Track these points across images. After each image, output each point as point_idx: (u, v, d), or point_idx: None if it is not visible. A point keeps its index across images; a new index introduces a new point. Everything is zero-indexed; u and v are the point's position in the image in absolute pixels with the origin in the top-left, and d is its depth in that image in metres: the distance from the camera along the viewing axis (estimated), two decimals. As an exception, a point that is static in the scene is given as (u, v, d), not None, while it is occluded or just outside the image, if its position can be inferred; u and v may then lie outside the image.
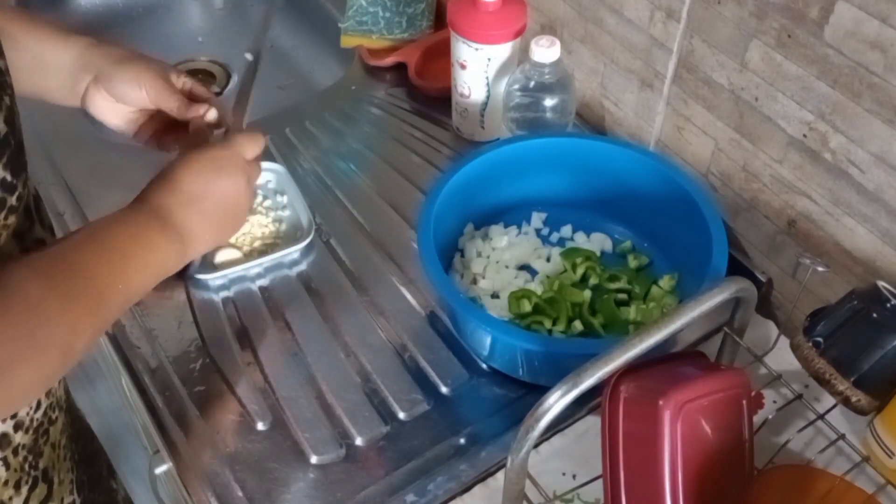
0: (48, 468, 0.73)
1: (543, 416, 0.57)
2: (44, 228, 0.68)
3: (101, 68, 0.78)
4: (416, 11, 1.20)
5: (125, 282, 0.64)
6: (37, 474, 0.71)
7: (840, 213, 0.79)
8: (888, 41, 0.68)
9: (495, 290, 0.89)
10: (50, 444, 0.73)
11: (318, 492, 0.75)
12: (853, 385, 0.69)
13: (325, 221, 0.98)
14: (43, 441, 0.71)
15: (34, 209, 0.66)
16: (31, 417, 0.68)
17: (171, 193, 0.70)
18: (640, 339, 0.60)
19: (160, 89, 0.79)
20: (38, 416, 0.70)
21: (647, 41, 0.92)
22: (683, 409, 0.61)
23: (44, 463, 0.72)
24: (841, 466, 0.74)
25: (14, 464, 0.68)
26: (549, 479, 0.74)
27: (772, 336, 0.83)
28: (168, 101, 0.79)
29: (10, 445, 0.67)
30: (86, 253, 0.62)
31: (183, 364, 0.84)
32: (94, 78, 0.78)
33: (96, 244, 0.64)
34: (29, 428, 0.68)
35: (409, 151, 1.06)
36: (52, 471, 0.74)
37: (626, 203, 0.93)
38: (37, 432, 0.70)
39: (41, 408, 0.70)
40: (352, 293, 0.90)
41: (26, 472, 0.70)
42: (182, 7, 1.46)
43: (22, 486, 0.70)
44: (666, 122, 0.95)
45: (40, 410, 0.70)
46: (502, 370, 0.83)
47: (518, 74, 0.96)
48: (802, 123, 0.79)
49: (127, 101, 0.79)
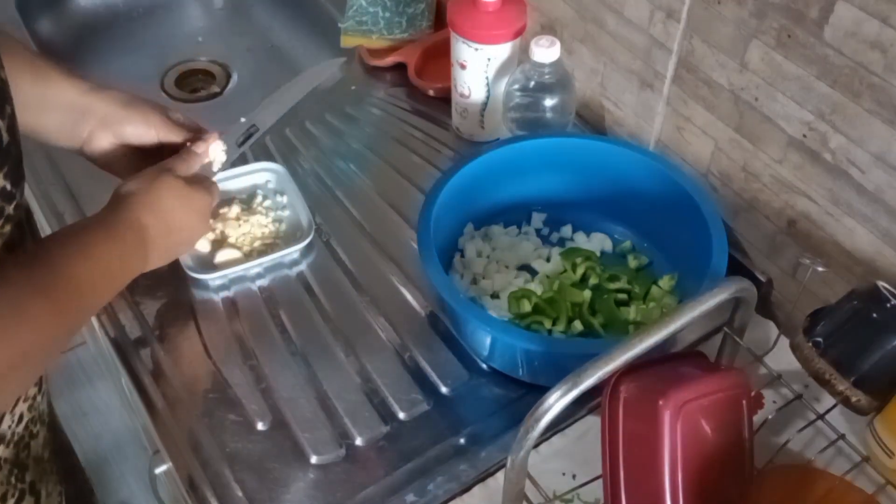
0: (35, 481, 0.73)
1: (543, 416, 0.57)
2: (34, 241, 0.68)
3: (108, 113, 0.81)
4: (416, 11, 1.20)
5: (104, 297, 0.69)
6: (24, 487, 0.71)
7: (840, 213, 0.79)
8: (888, 41, 0.68)
9: (495, 290, 0.89)
10: (33, 457, 0.72)
11: (318, 492, 0.75)
12: (853, 385, 0.69)
13: (325, 221, 0.98)
14: (24, 455, 0.71)
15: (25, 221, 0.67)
16: (12, 431, 0.68)
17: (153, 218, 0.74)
18: (640, 339, 0.60)
19: (169, 127, 0.83)
20: (20, 429, 0.69)
21: (647, 41, 0.92)
22: (683, 409, 0.61)
23: (31, 476, 0.72)
24: (841, 466, 0.74)
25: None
26: (549, 479, 0.74)
27: (772, 336, 0.83)
28: (177, 137, 0.84)
29: None
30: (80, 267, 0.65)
31: (183, 364, 0.84)
32: (100, 122, 0.81)
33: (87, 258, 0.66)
34: (10, 442, 0.68)
35: (409, 151, 1.06)
36: (39, 483, 0.74)
37: (626, 203, 0.93)
38: (17, 446, 0.70)
39: (23, 421, 0.70)
40: (352, 293, 0.90)
41: (12, 484, 0.70)
42: (182, 7, 1.46)
43: (8, 498, 0.70)
44: (666, 122, 0.95)
45: (21, 424, 0.70)
46: (502, 370, 0.83)
47: (518, 74, 0.96)
48: (802, 123, 0.79)
49: (136, 141, 0.83)
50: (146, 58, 1.38)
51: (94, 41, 1.40)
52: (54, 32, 1.39)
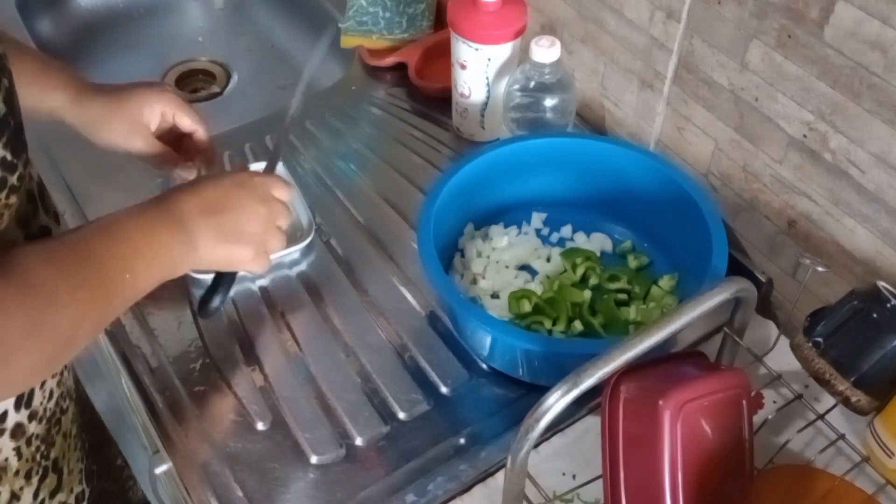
0: (58, 458, 0.74)
1: (543, 416, 0.57)
2: (48, 216, 0.68)
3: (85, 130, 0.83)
4: (416, 11, 1.20)
5: (133, 276, 0.64)
6: (47, 464, 0.72)
7: (840, 213, 0.79)
8: (888, 41, 0.68)
9: (495, 291, 0.89)
10: (62, 433, 0.73)
11: (318, 492, 0.75)
12: (853, 385, 0.69)
13: (326, 221, 0.98)
14: (55, 431, 0.72)
15: (38, 195, 0.66)
16: (44, 407, 0.69)
17: (191, 197, 0.71)
18: (640, 339, 0.60)
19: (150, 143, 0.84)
20: (51, 405, 0.70)
21: (647, 41, 0.92)
22: (683, 410, 0.61)
23: (55, 453, 0.73)
24: (841, 466, 0.74)
25: (27, 454, 0.68)
26: (549, 479, 0.74)
27: (772, 336, 0.83)
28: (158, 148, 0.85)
29: (24, 435, 0.67)
30: (98, 244, 0.63)
31: (183, 364, 0.84)
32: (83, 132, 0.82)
33: (108, 236, 0.64)
34: (42, 418, 0.69)
35: (409, 151, 1.06)
36: (62, 461, 0.74)
37: (626, 203, 0.93)
38: (49, 422, 0.70)
39: (53, 397, 0.70)
40: (352, 293, 0.91)
41: (38, 462, 0.70)
42: (182, 7, 1.47)
43: (33, 476, 0.70)
44: (666, 122, 0.95)
45: (52, 400, 0.70)
46: (502, 370, 0.83)
47: (518, 75, 0.96)
48: (802, 124, 0.79)
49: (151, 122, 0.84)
50: (146, 58, 1.38)
51: (94, 41, 1.40)
52: (54, 32, 1.39)
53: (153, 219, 0.68)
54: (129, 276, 0.64)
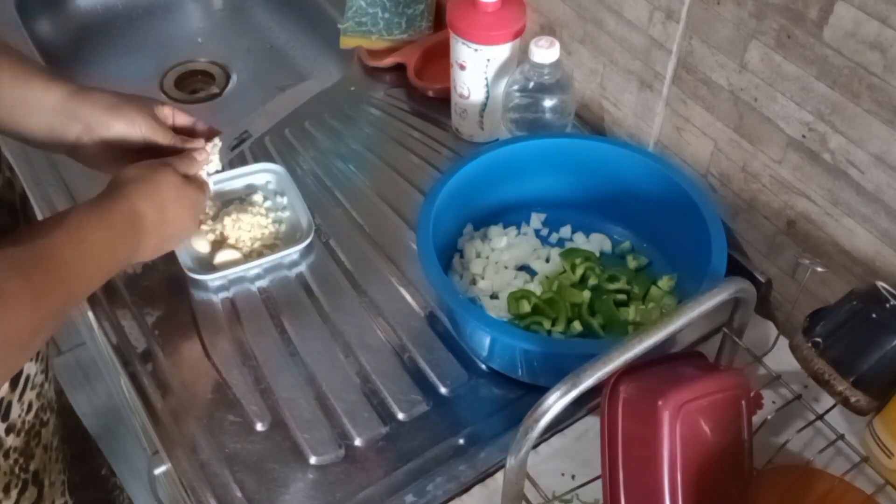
0: (39, 470, 0.73)
1: (543, 416, 0.57)
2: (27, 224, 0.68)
3: (93, 117, 0.79)
4: (415, 12, 1.20)
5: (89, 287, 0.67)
6: (27, 477, 0.71)
7: (839, 213, 0.79)
8: (887, 42, 0.68)
9: (494, 291, 0.89)
10: (42, 445, 0.72)
11: (317, 492, 0.75)
12: (852, 385, 0.69)
13: (325, 222, 0.98)
14: (35, 443, 0.71)
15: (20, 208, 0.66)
16: (22, 420, 0.68)
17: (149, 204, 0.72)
18: (640, 339, 0.60)
19: (154, 128, 0.82)
20: (30, 418, 0.69)
21: (646, 42, 0.92)
22: (683, 410, 0.61)
23: (34, 465, 0.72)
24: (840, 467, 0.74)
25: (4, 467, 0.68)
26: (549, 479, 0.74)
27: (771, 336, 0.83)
28: (163, 138, 0.83)
29: (2, 448, 0.67)
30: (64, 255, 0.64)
31: (183, 364, 0.84)
32: (85, 126, 0.79)
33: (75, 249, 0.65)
34: (21, 430, 0.68)
35: (408, 152, 1.06)
36: (42, 473, 0.74)
37: (626, 203, 0.93)
38: (28, 434, 0.70)
39: (32, 409, 0.69)
40: (351, 294, 0.90)
41: (16, 475, 0.70)
42: (182, 8, 1.47)
43: (11, 489, 0.69)
44: (665, 122, 0.95)
45: (31, 412, 0.69)
46: (501, 371, 0.83)
47: (517, 75, 0.96)
48: (802, 124, 0.79)
49: (122, 143, 0.81)
50: (145, 59, 1.38)
51: (93, 42, 1.40)
52: (53, 33, 1.39)
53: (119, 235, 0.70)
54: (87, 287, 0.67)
